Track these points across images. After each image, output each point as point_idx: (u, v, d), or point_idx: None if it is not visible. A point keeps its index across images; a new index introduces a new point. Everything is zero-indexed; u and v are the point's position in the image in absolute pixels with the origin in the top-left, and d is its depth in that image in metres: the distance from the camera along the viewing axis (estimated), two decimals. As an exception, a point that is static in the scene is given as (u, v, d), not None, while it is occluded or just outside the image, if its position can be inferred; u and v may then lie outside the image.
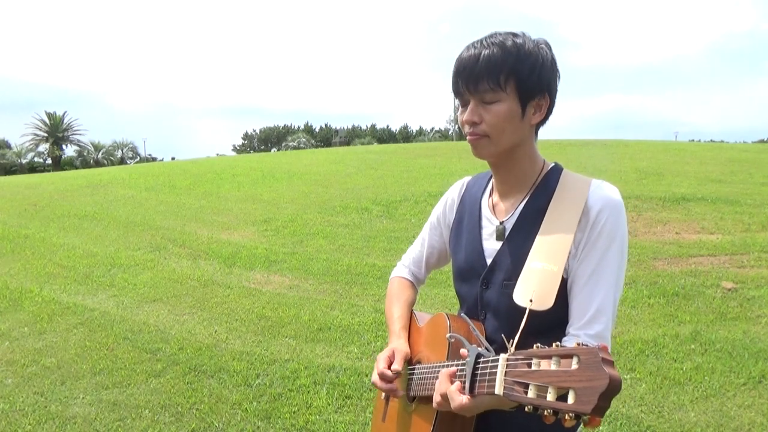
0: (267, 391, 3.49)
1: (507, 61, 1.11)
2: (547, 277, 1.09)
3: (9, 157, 46.93)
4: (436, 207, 1.45)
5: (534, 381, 0.79)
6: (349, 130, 68.62)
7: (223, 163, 17.61)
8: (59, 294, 5.59)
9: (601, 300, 1.10)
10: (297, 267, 6.33)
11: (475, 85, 1.12)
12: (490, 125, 1.14)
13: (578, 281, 1.12)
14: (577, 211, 1.12)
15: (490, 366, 0.93)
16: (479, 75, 1.12)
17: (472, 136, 1.16)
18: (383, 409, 1.43)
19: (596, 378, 0.71)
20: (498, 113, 1.13)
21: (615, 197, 1.13)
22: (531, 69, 1.12)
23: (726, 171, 12.29)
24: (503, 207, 1.25)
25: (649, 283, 5.27)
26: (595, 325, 1.09)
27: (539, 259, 1.12)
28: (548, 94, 1.16)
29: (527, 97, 1.13)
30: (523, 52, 1.12)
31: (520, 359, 0.84)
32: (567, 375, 0.74)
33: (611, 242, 1.11)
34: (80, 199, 11.30)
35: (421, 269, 1.51)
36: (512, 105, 1.13)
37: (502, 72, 1.11)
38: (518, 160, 1.20)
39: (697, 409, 3.19)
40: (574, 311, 1.12)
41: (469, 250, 1.28)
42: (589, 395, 0.71)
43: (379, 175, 13.18)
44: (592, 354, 0.73)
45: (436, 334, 1.26)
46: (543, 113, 1.17)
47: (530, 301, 1.06)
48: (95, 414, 3.26)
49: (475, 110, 1.14)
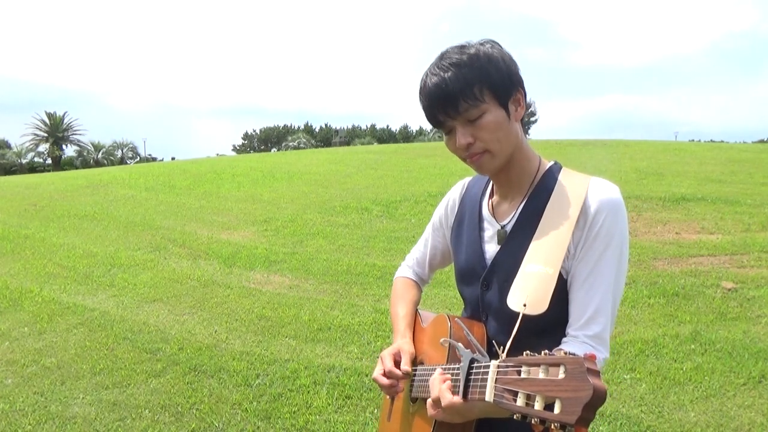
0: (267, 391, 3.49)
1: (473, 73, 1.09)
2: (542, 280, 1.08)
3: (9, 157, 46.90)
4: (438, 208, 1.44)
5: (523, 389, 0.79)
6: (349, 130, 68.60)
7: (223, 163, 17.61)
8: (59, 294, 5.59)
9: (599, 300, 1.08)
10: (297, 267, 6.33)
11: (455, 108, 1.09)
12: (487, 140, 1.12)
13: (576, 281, 1.11)
14: (575, 210, 1.11)
15: (482, 372, 0.93)
16: (454, 97, 1.09)
17: (472, 157, 1.14)
18: (389, 407, 1.44)
19: (581, 389, 0.71)
20: (489, 126, 1.11)
21: (614, 196, 1.11)
22: (497, 71, 1.11)
23: (726, 171, 12.29)
24: (503, 209, 1.24)
25: (649, 283, 5.27)
26: (593, 325, 1.08)
27: (535, 261, 1.10)
28: (520, 86, 1.15)
29: (505, 97, 1.12)
30: (482, 60, 1.10)
31: (510, 366, 0.84)
32: (554, 384, 0.74)
33: (609, 242, 1.09)
34: (80, 199, 11.30)
35: (425, 270, 1.51)
36: (497, 112, 1.11)
37: (474, 85, 1.09)
38: (516, 162, 1.19)
39: (697, 409, 3.19)
40: (572, 312, 1.11)
41: (469, 252, 1.27)
42: (574, 406, 0.71)
43: (379, 175, 13.18)
44: (577, 364, 0.73)
45: (438, 335, 1.25)
46: (523, 106, 1.16)
47: (524, 305, 1.05)
48: (95, 414, 3.26)
49: (464, 132, 1.11)
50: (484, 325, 1.23)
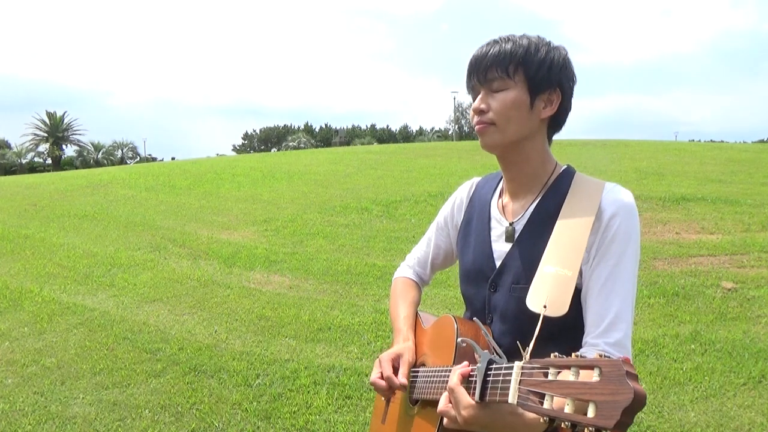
0: (267, 391, 3.49)
1: (517, 52, 1.12)
2: (562, 282, 1.05)
3: (9, 157, 46.93)
4: (444, 207, 1.41)
5: (551, 392, 0.75)
6: (349, 130, 68.61)
7: (223, 163, 17.61)
8: (59, 294, 5.59)
9: (618, 306, 1.05)
10: (297, 267, 6.33)
11: (485, 74, 1.14)
12: (496, 112, 1.13)
13: (593, 287, 1.07)
14: (590, 214, 1.09)
15: (503, 373, 0.88)
16: (489, 64, 1.13)
17: (479, 125, 1.16)
18: (383, 410, 1.41)
19: (620, 392, 0.68)
20: (504, 100, 1.13)
21: (628, 201, 1.12)
22: (541, 62, 1.12)
23: (726, 171, 12.30)
24: (513, 208, 1.21)
25: (649, 283, 5.27)
26: (614, 332, 1.04)
27: (553, 263, 1.08)
28: (560, 90, 1.14)
29: (536, 88, 1.13)
30: (533, 46, 1.13)
31: (536, 368, 0.80)
32: (587, 387, 0.70)
33: (626, 246, 1.08)
34: (80, 199, 11.31)
35: (426, 270, 1.49)
36: (520, 94, 1.12)
37: (512, 62, 1.12)
38: (528, 157, 1.17)
39: (697, 409, 3.19)
40: (590, 319, 1.07)
41: (477, 252, 1.24)
42: (612, 410, 0.68)
43: (379, 175, 13.18)
44: (615, 367, 0.69)
45: (442, 337, 1.23)
46: (554, 108, 1.15)
47: (544, 307, 1.03)
48: (95, 414, 3.26)
49: (483, 99, 1.15)
50: (490, 328, 1.20)
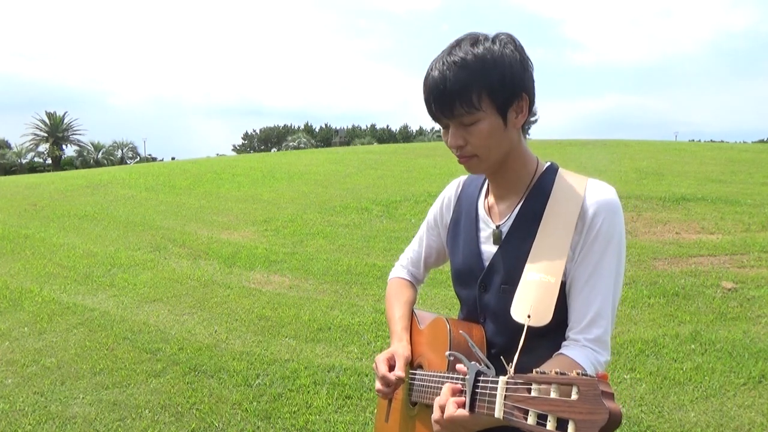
0: (267, 391, 3.49)
1: (474, 79, 1.06)
2: (545, 289, 1.07)
3: (9, 157, 46.91)
4: (433, 206, 1.42)
5: (534, 408, 0.78)
6: (349, 130, 68.58)
7: (223, 163, 17.61)
8: (59, 294, 5.59)
9: (599, 303, 1.08)
10: (297, 267, 6.33)
11: (450, 110, 1.08)
12: (476, 146, 1.11)
13: (576, 284, 1.10)
14: (573, 215, 1.10)
15: (489, 387, 0.91)
16: (451, 99, 1.07)
17: (461, 158, 1.15)
18: (386, 408, 1.43)
19: (596, 412, 0.71)
20: (481, 133, 1.09)
21: (611, 197, 1.11)
22: (501, 78, 1.07)
23: (726, 171, 12.30)
24: (499, 209, 1.23)
25: (649, 283, 5.27)
26: (594, 329, 1.08)
27: (536, 269, 1.09)
28: (525, 93, 1.11)
29: (505, 106, 1.09)
30: (488, 63, 1.06)
31: (519, 383, 0.83)
32: (567, 405, 0.74)
33: (608, 245, 1.09)
34: (80, 199, 11.31)
35: (420, 269, 1.49)
36: (492, 120, 1.09)
37: (473, 91, 1.06)
38: (511, 165, 1.18)
39: (697, 409, 3.19)
40: (572, 315, 1.10)
41: (466, 253, 1.26)
42: (589, 428, 0.71)
43: (379, 175, 13.18)
44: (591, 386, 0.72)
45: (437, 338, 1.24)
46: (525, 113, 1.13)
47: (528, 317, 1.04)
48: (95, 414, 3.26)
49: (457, 134, 1.11)
50: (483, 327, 1.22)
